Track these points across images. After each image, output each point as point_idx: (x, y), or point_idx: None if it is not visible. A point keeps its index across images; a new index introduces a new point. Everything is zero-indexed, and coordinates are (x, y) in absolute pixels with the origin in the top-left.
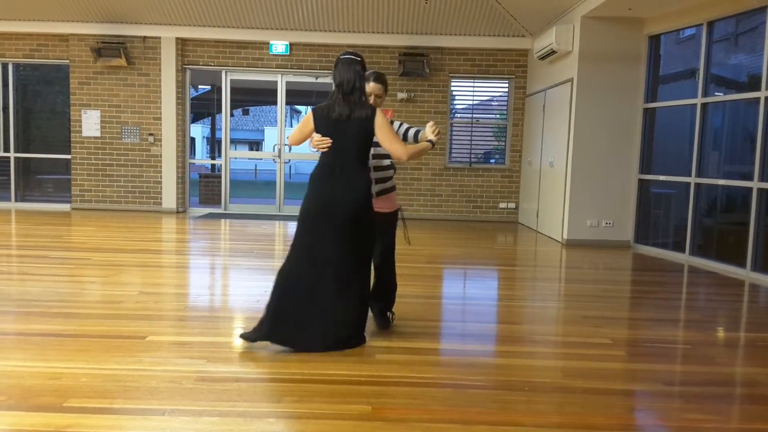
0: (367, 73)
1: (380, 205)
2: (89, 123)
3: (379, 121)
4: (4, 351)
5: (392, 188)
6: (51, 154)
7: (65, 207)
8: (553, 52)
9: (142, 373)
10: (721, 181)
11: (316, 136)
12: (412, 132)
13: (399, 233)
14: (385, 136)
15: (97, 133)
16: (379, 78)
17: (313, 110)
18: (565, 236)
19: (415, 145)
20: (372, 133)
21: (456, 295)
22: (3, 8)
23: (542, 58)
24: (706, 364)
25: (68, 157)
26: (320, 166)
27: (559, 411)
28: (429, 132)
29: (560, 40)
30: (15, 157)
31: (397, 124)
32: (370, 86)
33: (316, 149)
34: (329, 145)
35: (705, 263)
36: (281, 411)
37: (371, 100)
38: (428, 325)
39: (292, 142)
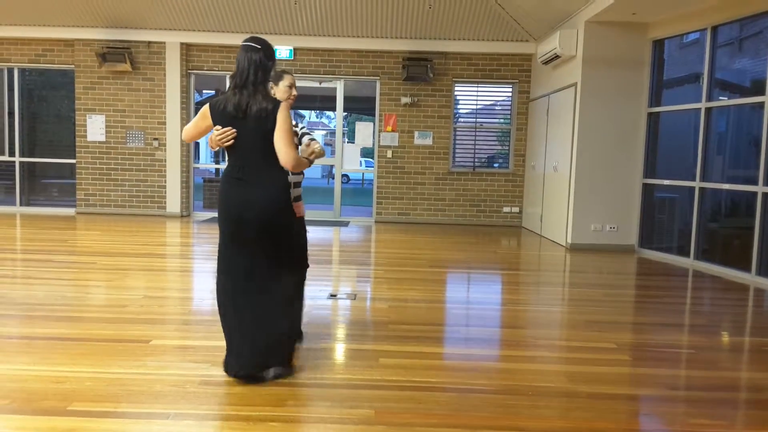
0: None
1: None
2: (94, 128)
3: (281, 117)
4: (9, 355)
5: (300, 196)
6: (56, 159)
7: (70, 211)
8: (556, 56)
9: (146, 377)
10: (726, 186)
11: (216, 132)
12: (305, 140)
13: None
14: (279, 135)
15: (102, 138)
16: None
17: (210, 104)
18: (569, 240)
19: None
20: (272, 129)
21: (459, 300)
22: (9, 14)
23: (546, 62)
24: (711, 369)
25: (73, 161)
26: (228, 168)
27: (563, 416)
28: (304, 150)
29: (564, 44)
30: (20, 162)
31: (300, 127)
32: (290, 78)
33: (218, 146)
34: (233, 137)
35: (710, 268)
36: (284, 415)
37: (288, 93)
38: (432, 329)
39: (185, 138)
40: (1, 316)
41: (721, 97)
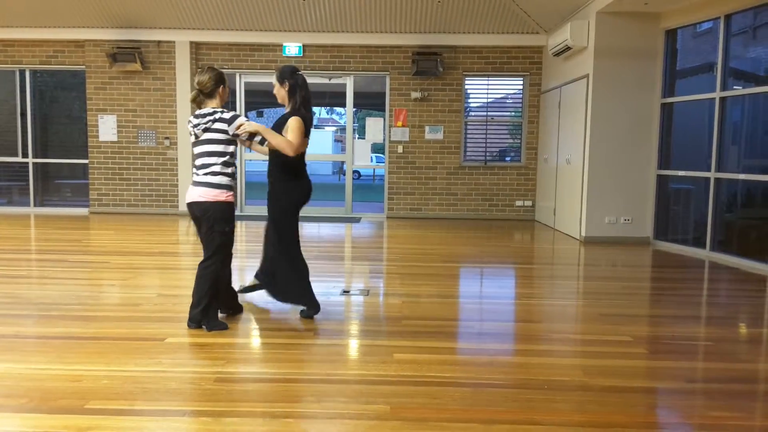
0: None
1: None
2: (106, 128)
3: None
4: (25, 354)
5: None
6: (69, 159)
7: (83, 211)
8: (568, 48)
9: (162, 375)
10: (741, 176)
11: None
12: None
13: None
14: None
15: (114, 138)
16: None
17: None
18: (583, 233)
19: None
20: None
21: (473, 294)
22: (20, 16)
23: (557, 54)
24: (729, 361)
25: (86, 161)
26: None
27: (579, 409)
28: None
29: (575, 36)
30: (33, 163)
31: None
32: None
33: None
34: None
35: (726, 259)
36: (300, 411)
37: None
38: (445, 324)
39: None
40: (17, 316)
41: (735, 87)
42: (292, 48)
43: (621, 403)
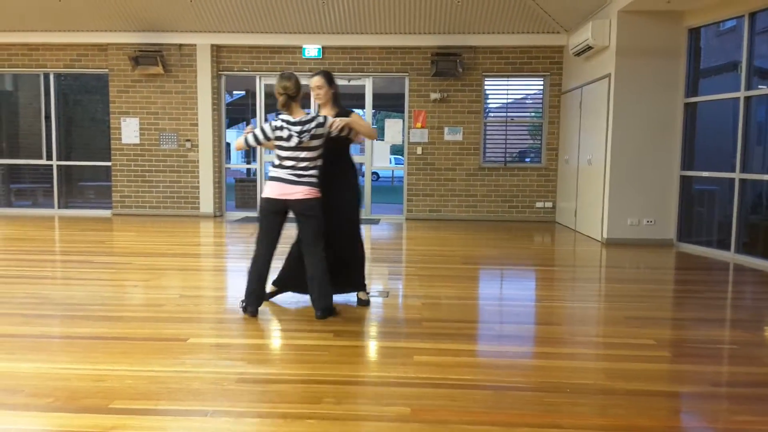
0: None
1: None
2: (128, 130)
3: None
4: (51, 354)
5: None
6: (92, 162)
7: (106, 213)
8: (589, 47)
9: (185, 375)
10: (767, 177)
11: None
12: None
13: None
14: None
15: (137, 140)
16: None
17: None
18: (604, 235)
19: None
20: None
21: (493, 296)
22: (44, 20)
23: (578, 54)
24: (755, 365)
25: (108, 164)
26: None
27: (602, 413)
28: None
29: (596, 35)
30: (57, 165)
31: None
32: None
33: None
34: None
35: (751, 261)
36: (321, 413)
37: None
38: (466, 326)
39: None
40: (43, 317)
41: (760, 86)
42: (312, 50)
43: (644, 407)
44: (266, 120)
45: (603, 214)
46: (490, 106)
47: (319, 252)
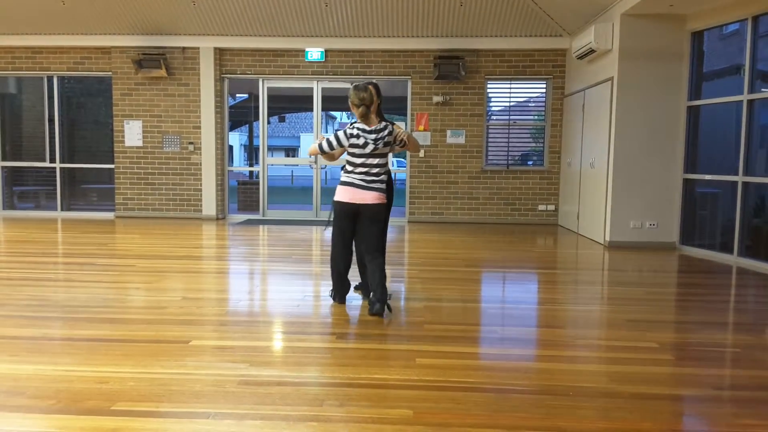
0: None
1: None
2: (132, 133)
3: None
4: (54, 356)
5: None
6: (95, 164)
7: (109, 215)
8: (592, 51)
9: (187, 377)
10: None
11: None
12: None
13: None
14: None
15: (140, 143)
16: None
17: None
18: (607, 238)
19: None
20: None
21: (495, 299)
22: (48, 23)
23: (581, 57)
24: (758, 368)
25: (111, 166)
26: None
27: (605, 416)
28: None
29: (599, 38)
30: (61, 168)
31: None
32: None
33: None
34: None
35: (754, 264)
36: (323, 415)
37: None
38: (468, 329)
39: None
40: (45, 319)
41: (763, 89)
42: (315, 53)
43: (647, 410)
44: (337, 130)
45: (606, 217)
46: (493, 109)
47: (380, 259)
